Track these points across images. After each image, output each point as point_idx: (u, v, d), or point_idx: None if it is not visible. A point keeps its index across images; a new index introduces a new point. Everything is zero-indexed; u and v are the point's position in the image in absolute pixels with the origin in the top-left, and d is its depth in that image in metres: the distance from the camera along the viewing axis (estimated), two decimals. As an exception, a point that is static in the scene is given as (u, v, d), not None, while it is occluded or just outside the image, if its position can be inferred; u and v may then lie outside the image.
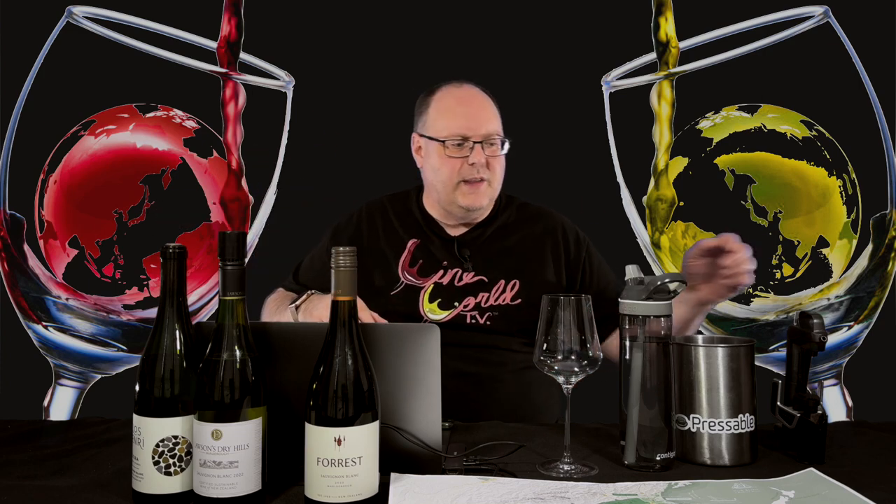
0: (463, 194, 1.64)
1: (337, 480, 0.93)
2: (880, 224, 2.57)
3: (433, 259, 1.67)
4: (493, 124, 1.65)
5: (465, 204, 1.64)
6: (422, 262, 1.67)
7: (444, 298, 1.63)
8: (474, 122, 1.63)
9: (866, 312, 2.56)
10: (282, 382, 1.04)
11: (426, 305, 1.63)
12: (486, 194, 1.65)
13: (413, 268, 1.66)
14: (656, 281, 1.13)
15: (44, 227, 2.54)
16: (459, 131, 1.62)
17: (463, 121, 1.63)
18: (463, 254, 1.67)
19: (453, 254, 1.67)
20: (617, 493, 1.01)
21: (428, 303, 1.63)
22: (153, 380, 1.00)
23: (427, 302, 1.63)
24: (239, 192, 2.58)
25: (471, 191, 1.63)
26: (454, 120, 1.63)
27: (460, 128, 1.62)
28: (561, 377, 1.13)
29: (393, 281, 1.65)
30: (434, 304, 1.62)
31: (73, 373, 2.54)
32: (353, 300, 0.98)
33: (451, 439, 1.25)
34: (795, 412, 1.18)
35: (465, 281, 1.64)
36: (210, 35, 2.59)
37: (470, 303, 1.62)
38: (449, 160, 1.63)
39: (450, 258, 1.67)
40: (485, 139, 1.62)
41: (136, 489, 0.98)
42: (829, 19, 2.54)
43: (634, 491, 1.02)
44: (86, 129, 2.56)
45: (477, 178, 1.63)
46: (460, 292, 1.63)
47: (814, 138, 2.56)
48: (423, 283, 1.64)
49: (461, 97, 1.67)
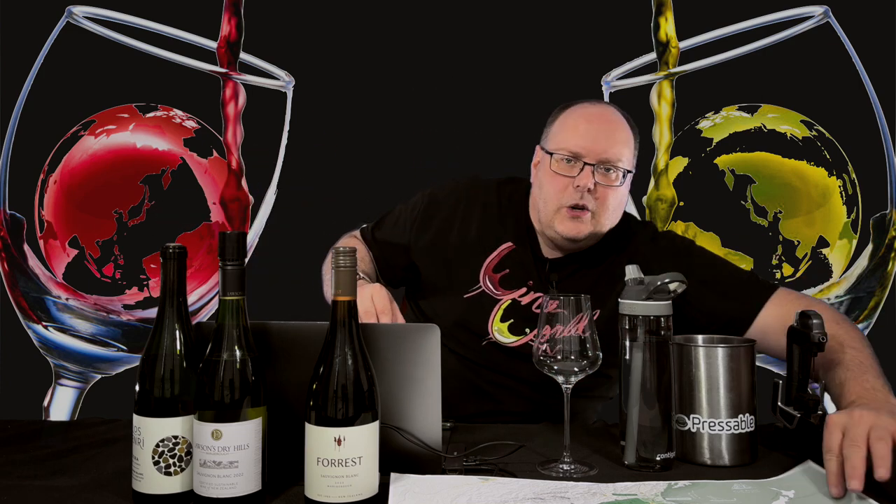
0: (562, 220, 1.44)
1: (337, 480, 0.93)
2: (880, 224, 2.57)
3: (521, 272, 1.50)
4: (616, 150, 1.44)
5: (562, 231, 1.45)
6: (508, 272, 1.51)
7: (516, 320, 1.48)
8: (594, 142, 1.43)
9: (866, 312, 2.56)
10: (282, 382, 1.04)
11: (497, 323, 1.48)
12: (589, 226, 1.44)
13: (497, 274, 1.51)
14: (656, 281, 1.13)
15: (44, 227, 2.54)
16: (573, 148, 1.44)
17: (581, 139, 1.44)
18: (551, 279, 1.51)
19: (543, 275, 1.51)
20: (617, 493, 1.01)
21: (500, 321, 1.49)
22: (153, 380, 1.00)
23: (499, 320, 1.49)
24: (239, 192, 2.59)
25: (571, 217, 1.44)
26: (573, 135, 1.45)
27: (576, 145, 1.44)
28: (561, 377, 1.13)
29: (471, 281, 1.50)
30: (505, 324, 1.48)
31: (73, 373, 2.54)
32: (353, 300, 0.98)
33: (451, 439, 1.25)
34: (796, 412, 1.18)
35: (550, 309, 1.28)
36: (210, 35, 2.59)
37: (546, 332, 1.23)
38: (555, 178, 1.45)
39: (536, 279, 1.50)
40: (600, 163, 1.43)
41: (136, 489, 0.98)
42: (829, 19, 2.54)
43: (634, 491, 1.02)
44: (86, 129, 2.56)
45: (580, 204, 1.43)
46: (533, 320, 1.44)
47: (814, 138, 2.56)
48: (501, 296, 1.49)
49: (591, 114, 1.49)
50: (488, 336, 1.49)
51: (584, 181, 1.41)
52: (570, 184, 1.43)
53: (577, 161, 1.43)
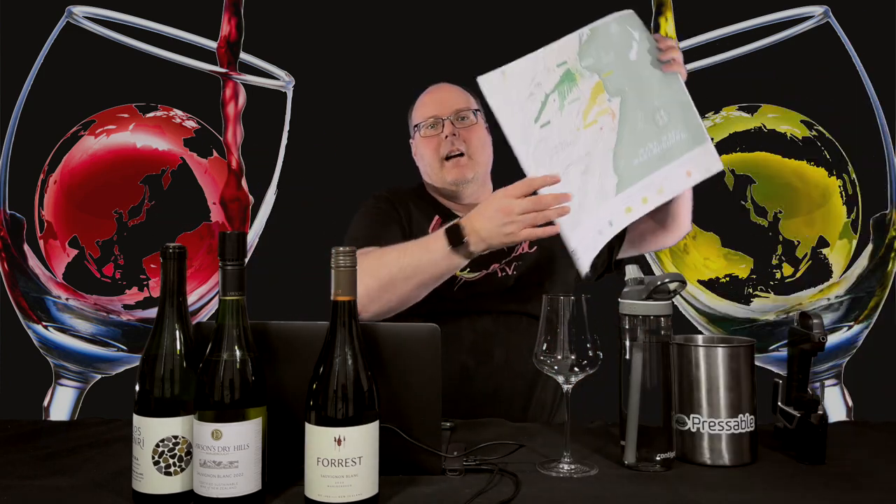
0: (447, 170, 1.71)
1: (337, 480, 0.93)
2: (880, 224, 2.57)
3: None
4: (461, 102, 1.75)
5: (451, 179, 1.70)
6: None
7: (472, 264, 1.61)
8: (442, 104, 1.74)
9: (866, 312, 2.56)
10: (282, 382, 1.04)
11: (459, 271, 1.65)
12: (469, 167, 1.71)
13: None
14: (656, 281, 1.13)
15: (44, 227, 2.54)
16: (429, 113, 1.74)
17: (432, 104, 1.76)
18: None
19: None
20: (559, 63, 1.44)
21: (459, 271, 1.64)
22: (153, 380, 1.00)
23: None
24: (239, 192, 2.59)
25: (453, 165, 1.70)
26: (427, 106, 1.76)
27: (430, 110, 1.74)
28: (561, 377, 1.13)
29: None
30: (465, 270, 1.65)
31: (73, 373, 2.54)
32: (353, 300, 0.98)
33: (451, 439, 1.25)
34: (796, 412, 1.18)
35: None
36: (210, 35, 2.59)
37: (496, 266, 1.67)
38: (427, 141, 1.73)
39: None
40: (455, 114, 1.72)
41: (136, 489, 0.99)
42: (829, 19, 2.54)
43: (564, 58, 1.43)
44: (86, 129, 2.56)
45: (455, 151, 1.70)
46: (485, 259, 1.63)
47: (814, 138, 2.56)
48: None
49: (431, 90, 1.81)
50: (458, 279, 1.64)
51: (448, 129, 1.71)
52: (440, 139, 1.71)
53: (437, 120, 1.72)
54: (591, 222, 1.39)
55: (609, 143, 1.43)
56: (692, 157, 1.47)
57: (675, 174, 1.46)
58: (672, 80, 1.51)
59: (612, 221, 1.41)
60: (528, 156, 1.39)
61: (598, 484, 1.06)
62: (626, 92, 1.46)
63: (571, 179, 1.40)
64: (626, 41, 1.49)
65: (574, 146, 1.41)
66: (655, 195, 1.44)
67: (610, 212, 1.40)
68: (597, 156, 1.42)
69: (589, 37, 1.47)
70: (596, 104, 1.45)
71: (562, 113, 1.42)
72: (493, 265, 1.66)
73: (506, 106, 1.41)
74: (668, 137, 1.47)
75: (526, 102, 1.42)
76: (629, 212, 1.42)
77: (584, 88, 1.44)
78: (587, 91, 1.44)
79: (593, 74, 1.45)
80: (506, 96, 1.41)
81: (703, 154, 1.49)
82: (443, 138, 1.71)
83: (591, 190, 1.40)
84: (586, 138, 1.42)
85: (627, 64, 1.48)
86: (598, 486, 1.05)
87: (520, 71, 1.44)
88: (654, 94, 1.48)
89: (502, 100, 1.41)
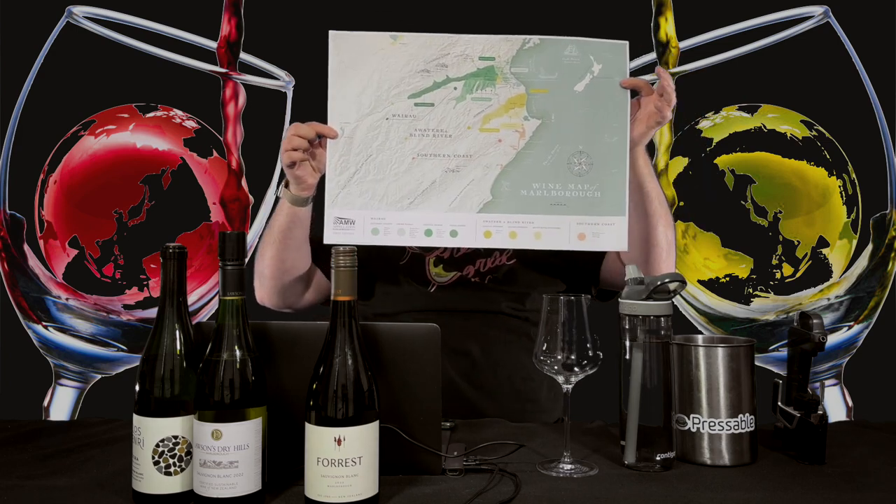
0: None
1: (337, 480, 0.93)
2: (880, 224, 2.57)
3: None
4: None
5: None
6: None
7: (445, 265, 1.67)
8: None
9: (866, 312, 2.56)
10: (282, 382, 1.04)
11: (432, 269, 1.67)
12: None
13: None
14: (656, 281, 1.13)
15: (44, 227, 2.54)
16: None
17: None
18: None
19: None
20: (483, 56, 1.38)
21: (433, 267, 1.67)
22: (153, 380, 1.00)
23: (433, 266, 1.67)
24: (239, 192, 2.59)
25: None
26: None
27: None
28: (561, 377, 1.13)
29: (400, 252, 1.70)
30: (439, 268, 1.67)
31: (73, 373, 2.54)
32: (353, 300, 0.98)
33: (451, 439, 1.25)
34: (796, 412, 1.18)
35: (463, 251, 1.66)
36: (210, 35, 2.59)
37: (470, 271, 1.66)
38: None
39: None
40: None
41: (136, 489, 0.99)
42: (829, 19, 2.54)
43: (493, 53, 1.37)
44: (86, 129, 2.56)
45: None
46: (461, 261, 1.67)
47: (814, 138, 2.56)
48: (426, 255, 1.69)
49: None
50: (430, 282, 1.65)
51: None
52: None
53: None
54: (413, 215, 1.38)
55: (501, 160, 1.38)
56: (596, 223, 1.39)
57: (564, 229, 1.39)
58: (619, 136, 1.40)
59: (457, 232, 1.39)
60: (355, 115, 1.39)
61: (598, 484, 1.06)
62: (551, 119, 1.39)
63: (426, 168, 1.37)
64: (580, 69, 1.39)
65: (454, 141, 1.38)
66: (530, 238, 1.39)
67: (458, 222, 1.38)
68: (478, 164, 1.38)
69: (535, 46, 1.40)
70: (506, 115, 1.39)
71: (457, 104, 1.38)
72: (466, 267, 1.66)
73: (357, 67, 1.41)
74: (577, 189, 1.39)
75: (411, 75, 1.39)
76: (487, 236, 1.39)
77: (501, 93, 1.39)
78: (503, 97, 1.39)
79: (519, 84, 1.39)
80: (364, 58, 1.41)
81: (612, 227, 1.39)
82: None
83: (450, 190, 1.38)
84: (475, 141, 1.38)
85: (567, 92, 1.39)
86: (598, 486, 1.05)
87: (420, 43, 1.41)
88: (583, 137, 1.39)
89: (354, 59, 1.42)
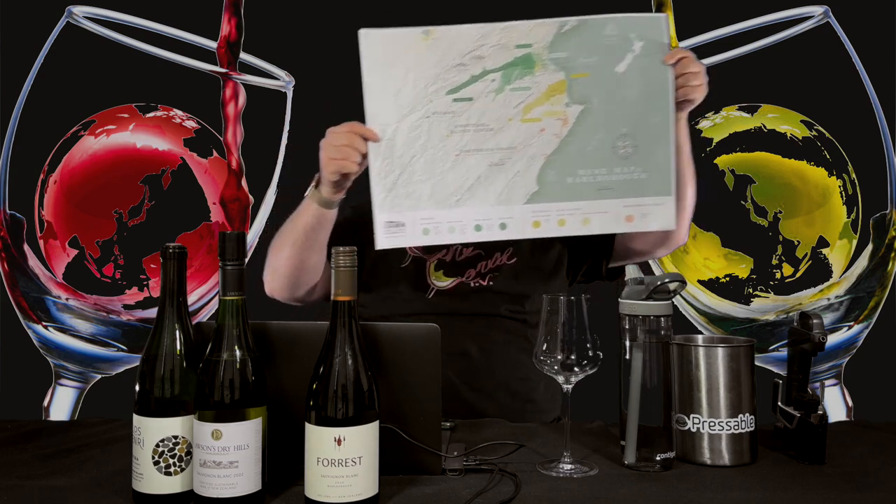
0: None
1: (337, 480, 0.93)
2: (880, 224, 2.57)
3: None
4: None
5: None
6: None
7: (446, 270, 1.67)
8: None
9: (866, 312, 2.56)
10: (282, 382, 1.04)
11: (433, 274, 1.66)
12: None
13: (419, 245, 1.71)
14: (656, 281, 1.13)
15: (44, 227, 2.54)
16: None
17: None
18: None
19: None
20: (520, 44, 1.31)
21: (434, 272, 1.66)
22: (153, 380, 1.00)
23: (433, 271, 1.67)
24: (239, 192, 2.59)
25: None
26: None
27: None
28: (561, 377, 1.13)
29: (402, 255, 1.69)
30: (439, 273, 1.66)
31: (73, 373, 2.54)
32: (353, 300, 0.98)
33: (451, 439, 1.25)
34: (796, 412, 1.18)
35: (465, 255, 1.66)
36: (210, 35, 2.59)
37: (471, 274, 1.66)
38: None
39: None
40: None
41: (136, 489, 0.99)
42: (829, 19, 2.54)
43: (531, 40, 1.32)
44: (86, 129, 2.56)
45: None
46: (462, 265, 1.67)
47: (814, 138, 2.56)
48: (427, 258, 1.68)
49: None
50: (430, 287, 1.64)
51: None
52: None
53: None
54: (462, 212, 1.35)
55: (545, 149, 1.34)
56: (642, 204, 1.37)
57: (613, 213, 1.36)
58: (662, 115, 1.36)
59: (506, 225, 1.36)
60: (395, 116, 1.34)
61: (598, 484, 1.06)
62: (593, 104, 1.34)
63: (470, 164, 1.33)
64: (620, 49, 1.34)
65: (496, 134, 1.33)
66: (578, 224, 1.36)
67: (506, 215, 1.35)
68: (522, 155, 1.34)
69: (573, 28, 1.33)
70: (548, 102, 1.34)
71: (496, 96, 1.33)
72: (467, 271, 1.66)
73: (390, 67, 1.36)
74: (624, 172, 1.36)
75: (446, 71, 1.34)
76: (536, 226, 1.35)
77: (541, 81, 1.33)
78: (543, 85, 1.33)
79: (559, 70, 1.33)
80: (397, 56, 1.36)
81: (660, 207, 1.37)
82: None
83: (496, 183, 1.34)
84: (518, 132, 1.34)
85: (609, 74, 1.34)
86: (598, 486, 1.05)
87: (453, 36, 1.35)
88: (627, 119, 1.35)
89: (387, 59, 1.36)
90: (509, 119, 1.33)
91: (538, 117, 1.34)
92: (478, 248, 1.69)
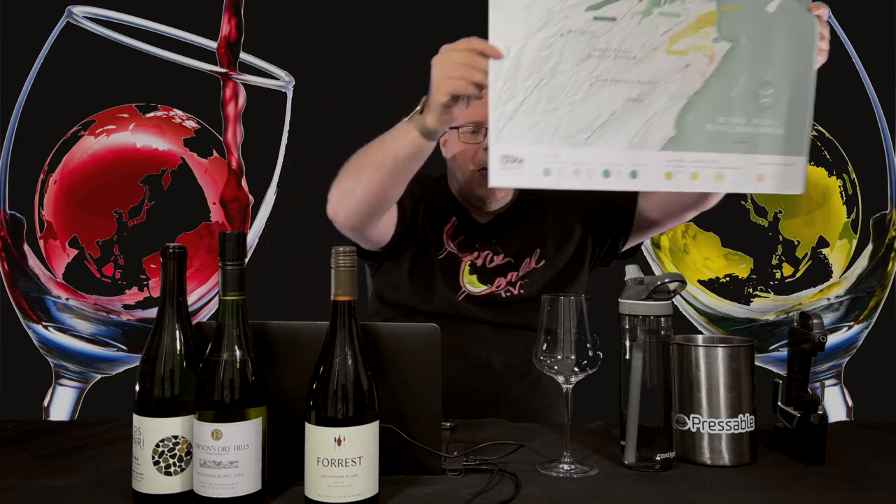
0: (478, 183, 1.60)
1: (337, 480, 0.93)
2: (880, 224, 2.57)
3: (467, 239, 1.67)
4: None
5: (482, 194, 1.63)
6: (462, 238, 1.67)
7: (479, 275, 1.65)
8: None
9: (866, 312, 2.56)
10: (282, 382, 1.04)
11: (466, 277, 1.64)
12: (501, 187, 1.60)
13: (454, 241, 1.67)
14: (656, 281, 1.13)
15: (44, 227, 2.54)
16: (473, 118, 1.56)
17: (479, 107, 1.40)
18: (492, 239, 1.68)
19: (484, 238, 1.68)
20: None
21: (468, 275, 1.64)
22: (153, 380, 1.00)
23: (468, 273, 1.64)
24: (239, 192, 2.59)
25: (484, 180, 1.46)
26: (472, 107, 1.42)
27: (476, 114, 1.52)
28: (561, 377, 1.13)
29: (439, 245, 1.66)
30: (473, 277, 1.64)
31: (73, 373, 2.54)
32: (353, 300, 0.98)
33: (452, 439, 1.25)
34: (796, 412, 1.18)
35: (496, 263, 1.65)
36: (210, 35, 2.59)
37: (502, 283, 1.64)
38: (463, 146, 1.61)
39: (481, 242, 1.67)
40: None
41: (136, 489, 0.99)
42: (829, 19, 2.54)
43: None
44: (86, 129, 2.56)
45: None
46: (491, 273, 1.65)
47: (814, 138, 2.56)
48: (462, 257, 1.65)
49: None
50: (461, 289, 1.63)
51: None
52: (479, 148, 1.59)
53: (480, 127, 1.57)
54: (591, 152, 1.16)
55: (687, 88, 1.18)
56: (776, 163, 1.23)
57: (748, 170, 1.22)
58: (805, 66, 1.25)
59: (637, 173, 1.17)
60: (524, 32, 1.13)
61: (598, 484, 1.06)
62: (741, 43, 1.19)
63: (605, 97, 1.15)
64: None
65: (638, 64, 1.16)
66: (711, 179, 1.20)
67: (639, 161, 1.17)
68: (663, 92, 1.17)
69: None
70: (696, 35, 1.17)
71: (643, 19, 1.15)
72: (497, 280, 1.64)
73: None
74: (762, 124, 1.22)
75: None
76: (668, 178, 1.18)
77: (691, 9, 1.17)
78: (693, 13, 1.17)
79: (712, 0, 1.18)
80: None
81: (791, 167, 1.24)
82: (482, 148, 1.57)
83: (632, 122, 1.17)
84: (662, 65, 1.16)
85: (759, 13, 1.20)
86: (598, 486, 1.05)
87: None
88: (772, 66, 1.21)
89: None
90: (654, 48, 1.16)
91: (684, 50, 1.18)
92: (507, 255, 1.67)
